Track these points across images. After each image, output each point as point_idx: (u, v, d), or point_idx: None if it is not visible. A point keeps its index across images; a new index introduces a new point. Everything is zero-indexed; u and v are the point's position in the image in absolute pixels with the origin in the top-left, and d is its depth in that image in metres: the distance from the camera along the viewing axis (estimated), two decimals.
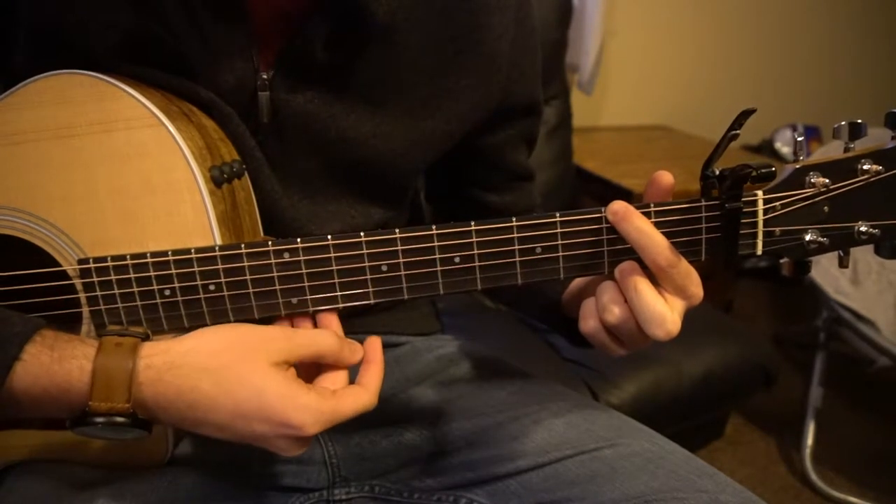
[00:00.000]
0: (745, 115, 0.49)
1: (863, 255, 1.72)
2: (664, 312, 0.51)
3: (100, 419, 0.47)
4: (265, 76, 0.60)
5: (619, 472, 0.59)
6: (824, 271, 1.62)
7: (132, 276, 0.53)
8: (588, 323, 0.55)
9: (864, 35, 2.60)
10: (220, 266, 0.52)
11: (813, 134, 2.34)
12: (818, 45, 2.54)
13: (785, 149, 2.36)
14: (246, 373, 0.49)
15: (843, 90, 2.54)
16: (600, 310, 0.54)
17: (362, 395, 0.52)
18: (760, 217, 0.52)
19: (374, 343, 0.55)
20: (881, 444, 1.81)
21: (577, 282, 0.64)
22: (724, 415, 1.68)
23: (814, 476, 1.64)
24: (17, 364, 0.47)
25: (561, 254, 0.53)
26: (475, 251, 0.52)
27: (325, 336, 0.53)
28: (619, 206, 0.52)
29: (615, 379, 1.27)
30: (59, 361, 0.48)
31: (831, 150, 0.56)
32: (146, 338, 0.51)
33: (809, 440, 1.69)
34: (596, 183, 1.81)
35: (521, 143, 0.76)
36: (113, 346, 0.48)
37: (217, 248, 0.52)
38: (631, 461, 0.60)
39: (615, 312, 0.53)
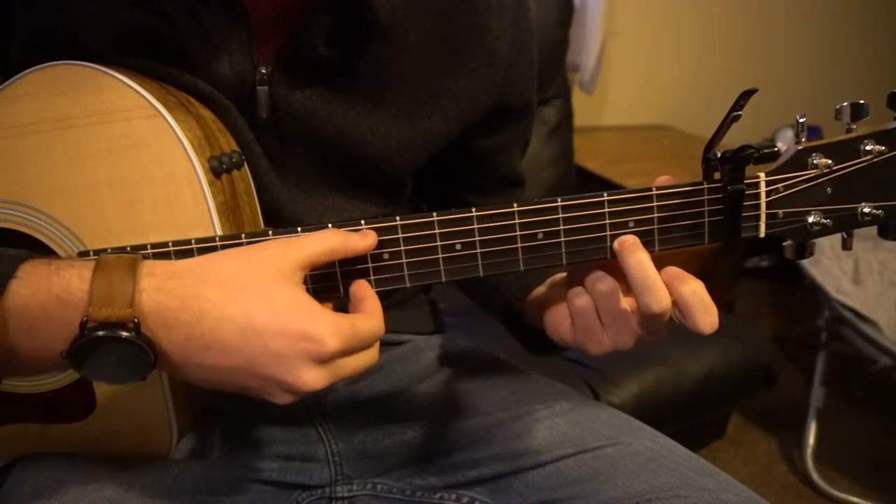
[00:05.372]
0: (747, 95, 0.49)
1: (864, 254, 1.72)
2: (662, 285, 0.50)
3: (100, 332, 0.42)
4: (264, 71, 0.60)
5: (620, 470, 0.59)
6: (825, 271, 1.62)
7: None
8: (582, 299, 0.54)
9: (866, 36, 2.60)
10: None
11: (814, 134, 2.33)
12: (820, 45, 2.54)
13: (786, 148, 2.35)
14: (254, 280, 0.45)
15: (845, 91, 2.53)
16: (593, 280, 0.53)
17: (372, 320, 0.49)
18: (763, 199, 0.52)
19: (362, 282, 0.52)
20: (883, 443, 1.80)
21: (540, 290, 0.64)
22: (726, 414, 1.68)
23: (815, 476, 1.64)
24: (12, 282, 0.44)
25: (563, 239, 0.52)
26: (476, 237, 0.52)
27: (327, 230, 0.50)
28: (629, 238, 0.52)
29: (616, 378, 1.26)
30: (56, 272, 0.44)
31: None
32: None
33: (811, 440, 1.68)
34: (597, 183, 1.81)
35: (515, 147, 0.77)
36: (114, 258, 0.45)
37: (217, 238, 0.52)
38: (633, 460, 0.60)
39: (609, 282, 0.52)
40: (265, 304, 0.44)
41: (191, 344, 0.44)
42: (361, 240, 0.50)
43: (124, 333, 0.43)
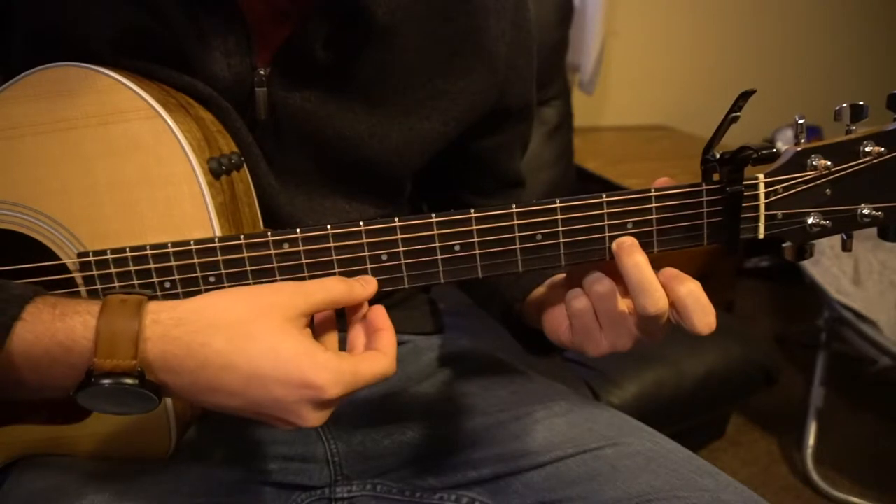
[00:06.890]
0: (745, 96, 0.49)
1: (864, 254, 1.72)
2: (659, 287, 0.50)
3: (106, 380, 0.44)
4: (262, 73, 0.60)
5: (620, 471, 0.59)
6: (825, 271, 1.62)
7: (132, 268, 0.52)
8: (580, 301, 0.54)
9: (865, 35, 2.60)
10: (219, 258, 0.52)
11: (814, 134, 2.34)
12: (819, 45, 2.54)
13: (785, 149, 2.35)
14: (260, 329, 0.46)
15: (845, 90, 2.53)
16: (591, 282, 0.53)
17: (381, 360, 0.49)
18: (762, 200, 0.52)
19: (379, 310, 0.53)
20: (883, 443, 1.80)
21: (539, 291, 0.64)
22: (726, 414, 1.68)
23: (815, 476, 1.63)
24: (17, 324, 0.44)
25: (562, 240, 0.52)
26: (475, 239, 0.52)
27: (333, 280, 0.51)
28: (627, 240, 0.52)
29: (616, 378, 1.26)
30: (61, 318, 0.45)
31: None
32: (152, 298, 0.47)
33: (811, 440, 1.68)
34: (597, 183, 1.81)
35: (515, 148, 0.76)
36: (118, 302, 0.45)
37: (216, 239, 0.52)
38: (632, 460, 0.60)
39: (606, 283, 0.52)
40: (271, 352, 0.45)
41: (197, 387, 0.46)
42: (363, 290, 0.52)
43: (129, 381, 0.44)
